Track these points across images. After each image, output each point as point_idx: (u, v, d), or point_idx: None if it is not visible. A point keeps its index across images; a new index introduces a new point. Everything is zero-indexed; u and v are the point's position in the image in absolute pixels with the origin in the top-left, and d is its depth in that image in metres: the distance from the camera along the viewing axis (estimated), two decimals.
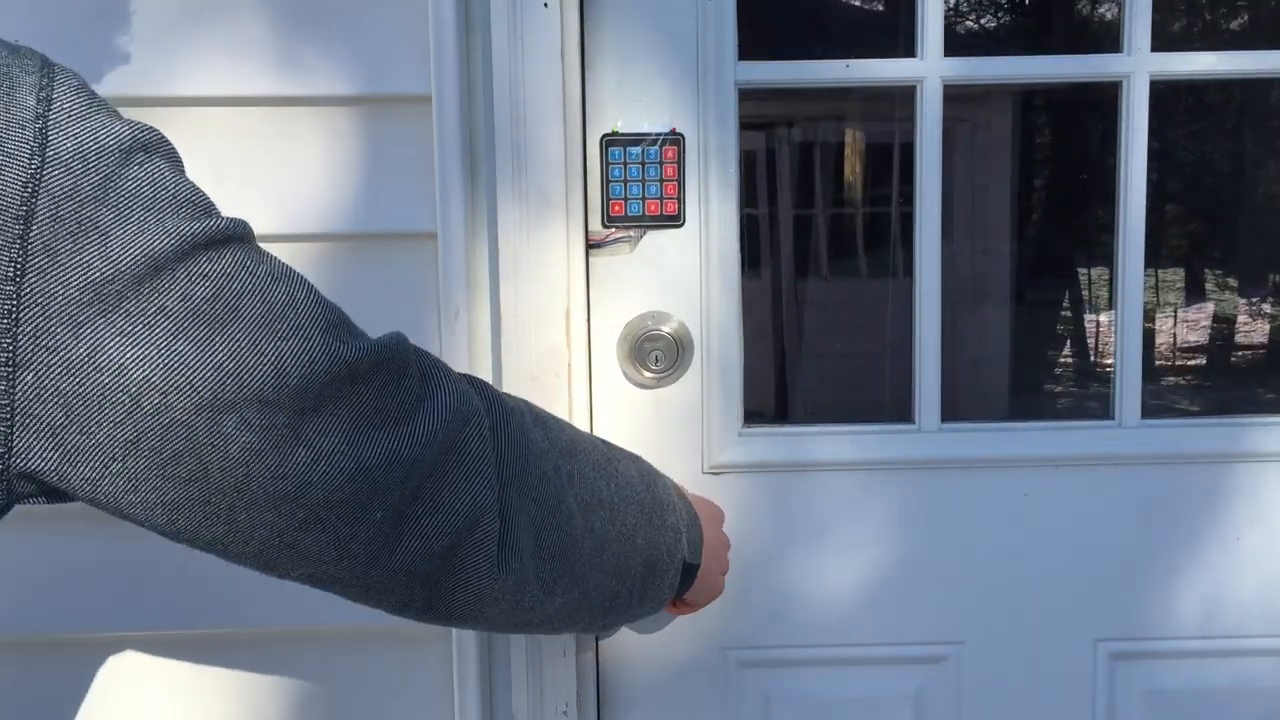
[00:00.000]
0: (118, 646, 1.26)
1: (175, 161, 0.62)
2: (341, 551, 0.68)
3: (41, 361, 0.55)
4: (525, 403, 0.85)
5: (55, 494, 0.60)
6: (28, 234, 0.54)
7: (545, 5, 1.16)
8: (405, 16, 1.16)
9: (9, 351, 0.54)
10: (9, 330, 0.54)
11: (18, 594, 1.23)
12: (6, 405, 0.55)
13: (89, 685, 1.26)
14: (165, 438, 0.59)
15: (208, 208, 0.62)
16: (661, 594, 0.94)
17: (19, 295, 0.54)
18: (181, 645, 1.26)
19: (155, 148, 0.60)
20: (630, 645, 1.31)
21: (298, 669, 1.27)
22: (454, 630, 1.23)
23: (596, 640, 1.30)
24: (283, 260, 0.66)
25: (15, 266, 0.54)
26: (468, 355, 1.19)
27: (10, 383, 0.55)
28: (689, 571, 0.97)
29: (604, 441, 0.94)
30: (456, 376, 0.76)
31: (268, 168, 1.18)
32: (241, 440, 0.61)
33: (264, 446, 0.62)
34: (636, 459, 0.95)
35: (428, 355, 0.75)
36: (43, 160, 0.55)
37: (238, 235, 0.63)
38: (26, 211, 0.54)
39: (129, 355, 0.57)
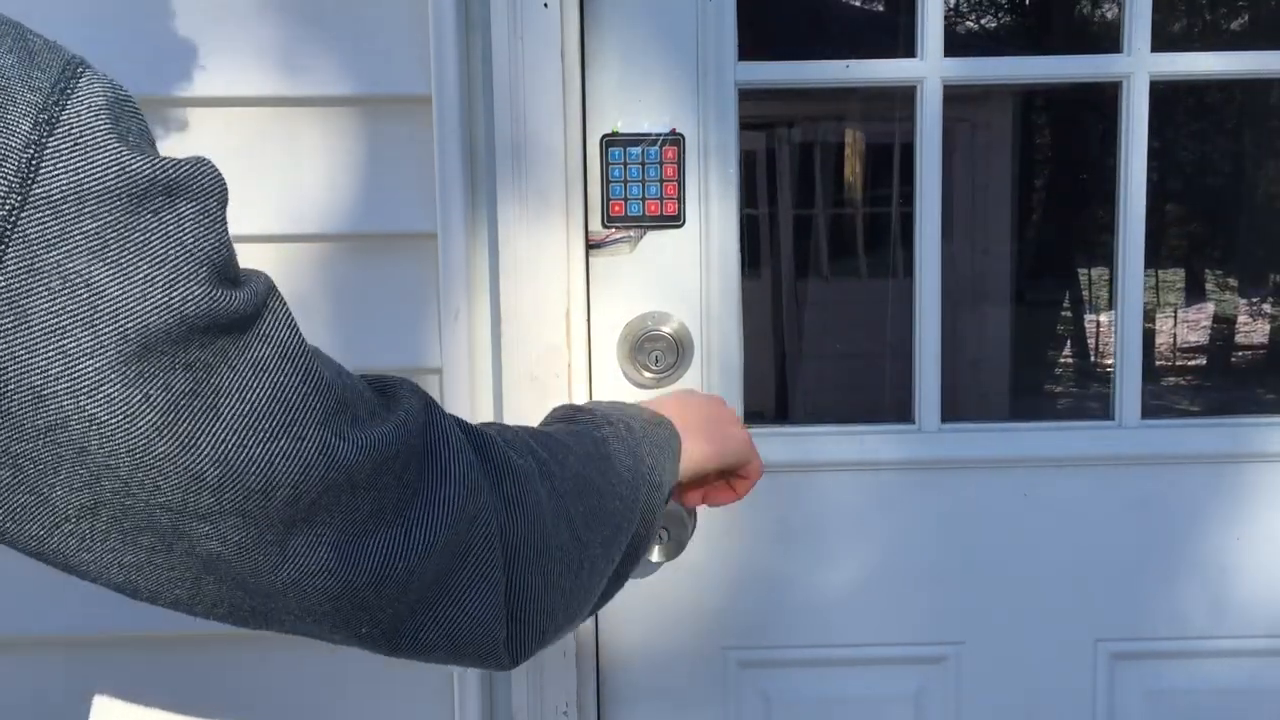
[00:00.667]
0: (118, 646, 1.26)
1: (204, 206, 0.51)
2: (324, 637, 0.62)
3: None
4: (529, 442, 0.75)
5: None
6: None
7: (545, 5, 1.16)
8: (405, 16, 1.16)
9: None
10: None
11: (17, 594, 1.23)
12: None
13: (88, 685, 1.26)
14: (127, 516, 0.51)
15: (225, 274, 0.52)
16: (647, 544, 0.86)
17: None
18: (181, 645, 1.26)
19: (181, 190, 0.50)
20: (630, 645, 1.31)
21: (298, 669, 1.27)
22: None
23: (597, 639, 1.30)
24: (294, 328, 0.57)
25: None
26: (468, 355, 1.19)
27: None
28: (669, 492, 0.90)
29: (592, 434, 0.85)
30: (464, 452, 0.66)
31: (268, 168, 1.18)
32: (210, 547, 0.53)
33: (236, 557, 0.54)
34: (614, 424, 0.86)
35: (434, 424, 0.65)
36: (22, 200, 0.46)
37: (252, 312, 0.53)
38: None
39: (93, 441, 0.48)
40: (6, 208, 0.45)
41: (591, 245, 1.24)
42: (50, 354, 0.47)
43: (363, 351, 1.20)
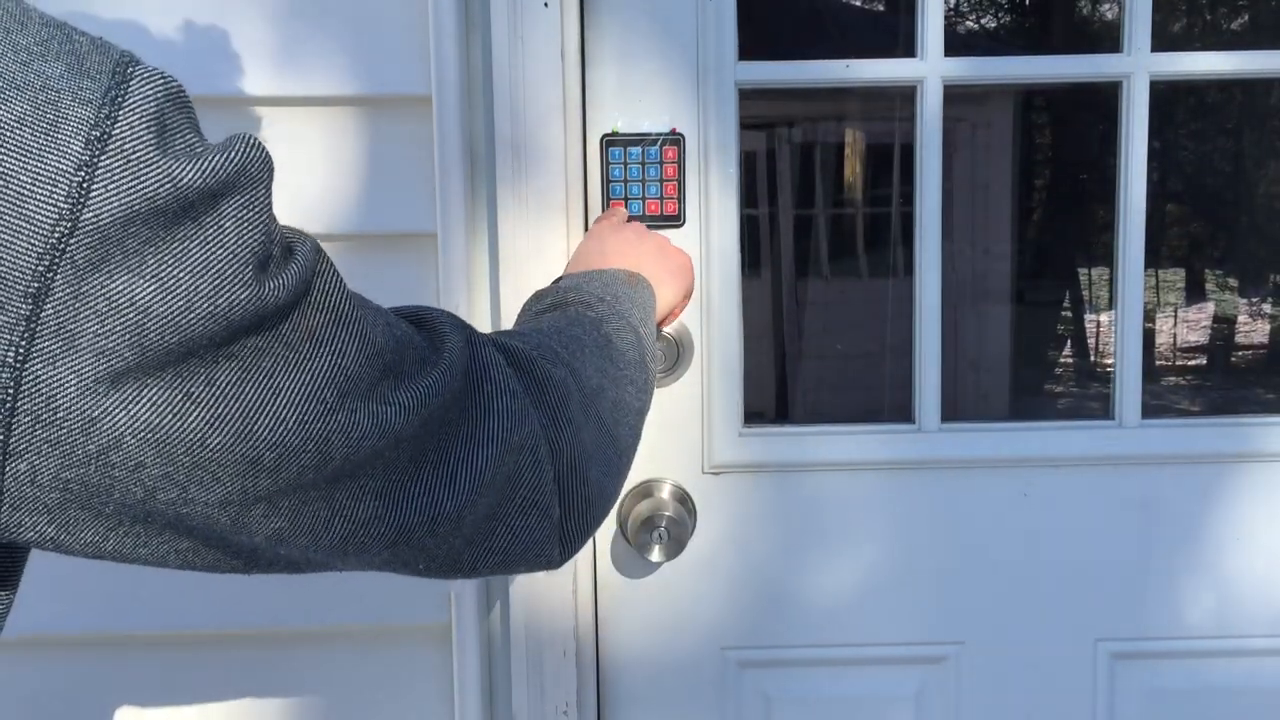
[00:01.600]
0: (118, 646, 1.26)
1: (249, 197, 0.50)
2: (381, 569, 0.63)
3: (39, 452, 0.46)
4: (554, 348, 0.75)
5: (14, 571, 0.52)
6: (38, 314, 0.44)
7: (545, 5, 1.16)
8: (405, 16, 1.16)
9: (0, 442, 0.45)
10: (3, 421, 0.45)
11: (22, 592, 1.22)
12: None
13: (90, 685, 1.26)
14: (180, 519, 0.51)
15: (266, 261, 0.50)
16: (651, 385, 0.87)
17: (18, 383, 0.44)
18: (181, 645, 1.26)
19: (224, 189, 0.48)
20: (630, 644, 1.31)
21: (298, 669, 1.27)
22: (454, 630, 1.23)
23: (597, 639, 1.30)
24: (344, 290, 0.56)
25: (17, 351, 0.44)
26: None
27: None
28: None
29: (589, 319, 0.83)
30: (506, 379, 0.65)
31: None
32: (269, 527, 0.53)
33: (293, 530, 0.54)
34: (604, 300, 0.86)
35: (476, 356, 0.64)
36: (73, 226, 0.44)
37: (298, 291, 0.52)
38: (39, 288, 0.44)
39: (148, 451, 0.48)
40: (57, 234, 0.44)
41: None
42: (100, 375, 0.45)
43: None
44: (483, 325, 1.21)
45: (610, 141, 1.22)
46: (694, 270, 1.05)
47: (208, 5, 1.16)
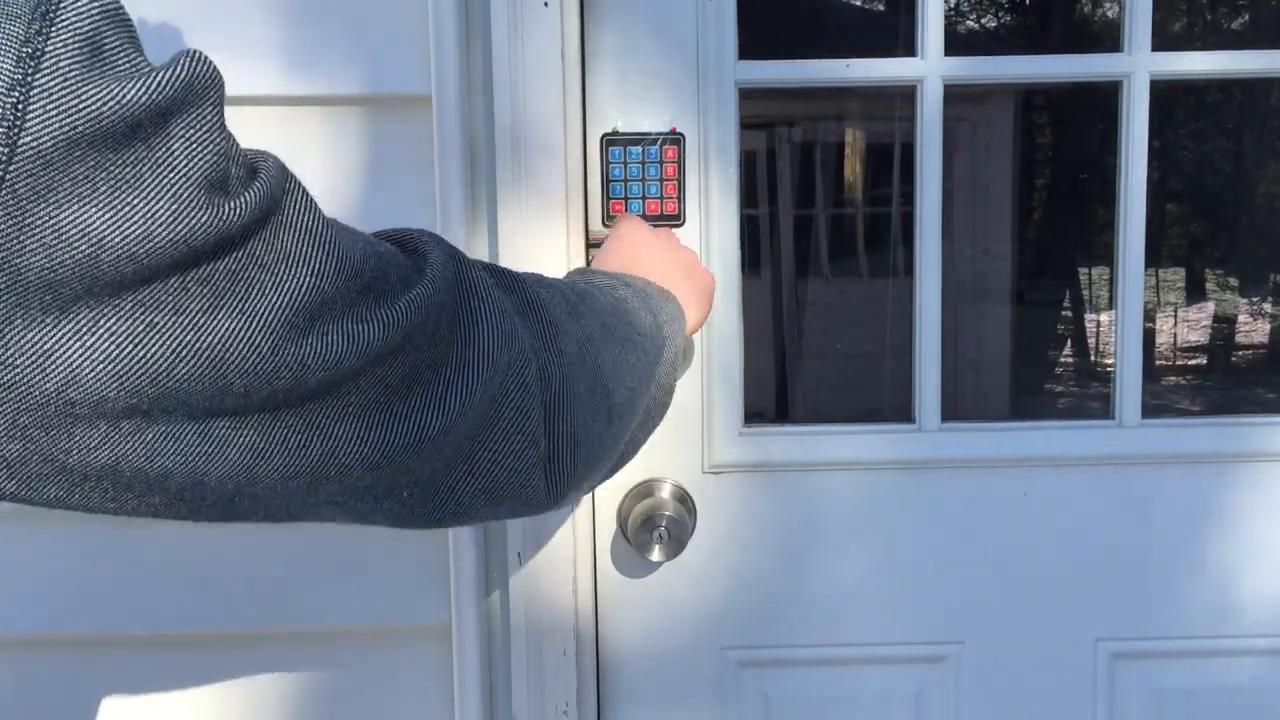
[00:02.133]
0: (119, 646, 1.26)
1: (198, 115, 0.47)
2: (362, 519, 0.60)
3: None
4: (557, 284, 0.73)
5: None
6: None
7: (545, 5, 1.16)
8: (405, 16, 1.16)
9: None
10: None
11: (15, 593, 1.23)
12: None
13: (90, 685, 1.26)
14: (151, 457, 0.48)
15: (224, 182, 0.48)
16: (663, 412, 0.88)
17: None
18: (180, 645, 1.26)
19: (174, 106, 0.45)
20: (630, 644, 1.31)
21: (297, 669, 1.27)
22: (454, 630, 1.23)
23: (597, 639, 1.30)
24: (315, 209, 0.54)
25: None
26: None
27: None
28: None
29: (611, 292, 0.82)
30: (495, 299, 0.63)
31: None
32: (241, 441, 0.50)
33: (269, 447, 0.51)
34: (631, 286, 0.85)
35: (464, 274, 0.62)
36: (10, 152, 0.41)
37: (263, 210, 0.49)
38: None
39: (110, 385, 0.45)
40: None
41: (592, 244, 1.24)
42: (48, 308, 0.43)
43: None
44: None
45: (610, 141, 1.22)
46: (713, 287, 1.06)
47: (207, 5, 1.16)
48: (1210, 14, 6.29)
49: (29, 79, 0.41)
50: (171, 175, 0.45)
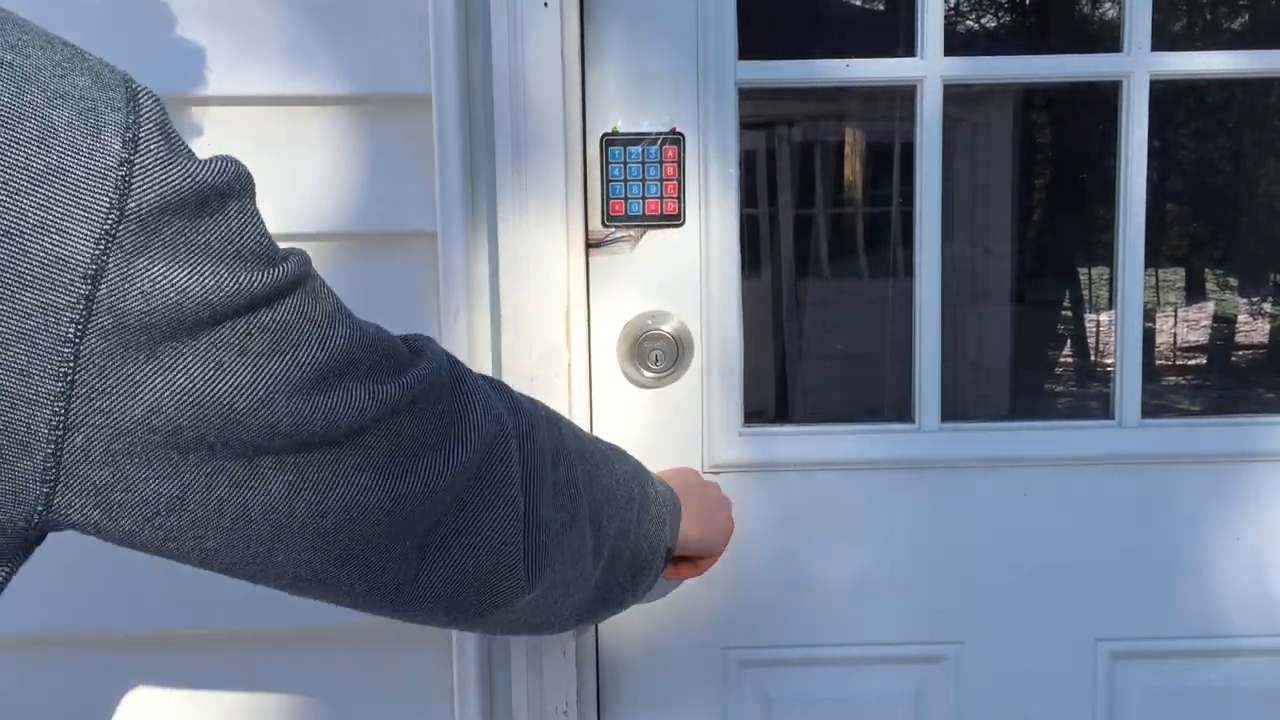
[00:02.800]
0: (120, 646, 1.26)
1: (246, 201, 0.57)
2: (371, 582, 0.68)
3: (93, 424, 0.52)
4: (536, 404, 0.84)
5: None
6: (94, 294, 0.50)
7: (545, 5, 1.16)
8: (405, 16, 1.16)
9: (61, 415, 0.51)
10: (63, 393, 0.51)
11: (15, 593, 1.22)
12: (52, 469, 0.52)
13: (91, 685, 1.26)
14: (210, 489, 0.57)
15: (271, 255, 0.58)
16: (649, 581, 0.95)
17: (77, 357, 0.50)
18: (180, 645, 1.26)
19: (229, 191, 0.56)
20: (630, 644, 1.31)
21: (298, 669, 1.27)
22: (454, 631, 1.23)
23: (597, 639, 1.30)
24: (332, 294, 0.64)
25: (77, 328, 0.50)
26: (468, 355, 1.19)
27: (58, 445, 0.52)
28: (667, 554, 0.98)
29: (596, 438, 0.95)
30: (484, 389, 0.74)
31: (268, 167, 1.18)
32: (281, 480, 0.59)
33: (303, 486, 0.60)
34: (622, 453, 0.95)
35: (457, 367, 0.74)
36: (121, 215, 0.50)
37: (298, 278, 0.59)
38: (96, 270, 0.50)
39: (185, 415, 0.54)
40: (109, 222, 0.50)
41: (591, 245, 1.24)
42: (141, 347, 0.52)
43: None
44: (482, 325, 1.21)
45: (610, 141, 1.22)
46: (728, 534, 1.08)
47: (207, 6, 1.16)
48: (1210, 14, 6.29)
49: (132, 158, 0.51)
50: (234, 241, 0.55)
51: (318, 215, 1.19)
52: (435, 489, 0.67)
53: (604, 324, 1.25)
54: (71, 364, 0.50)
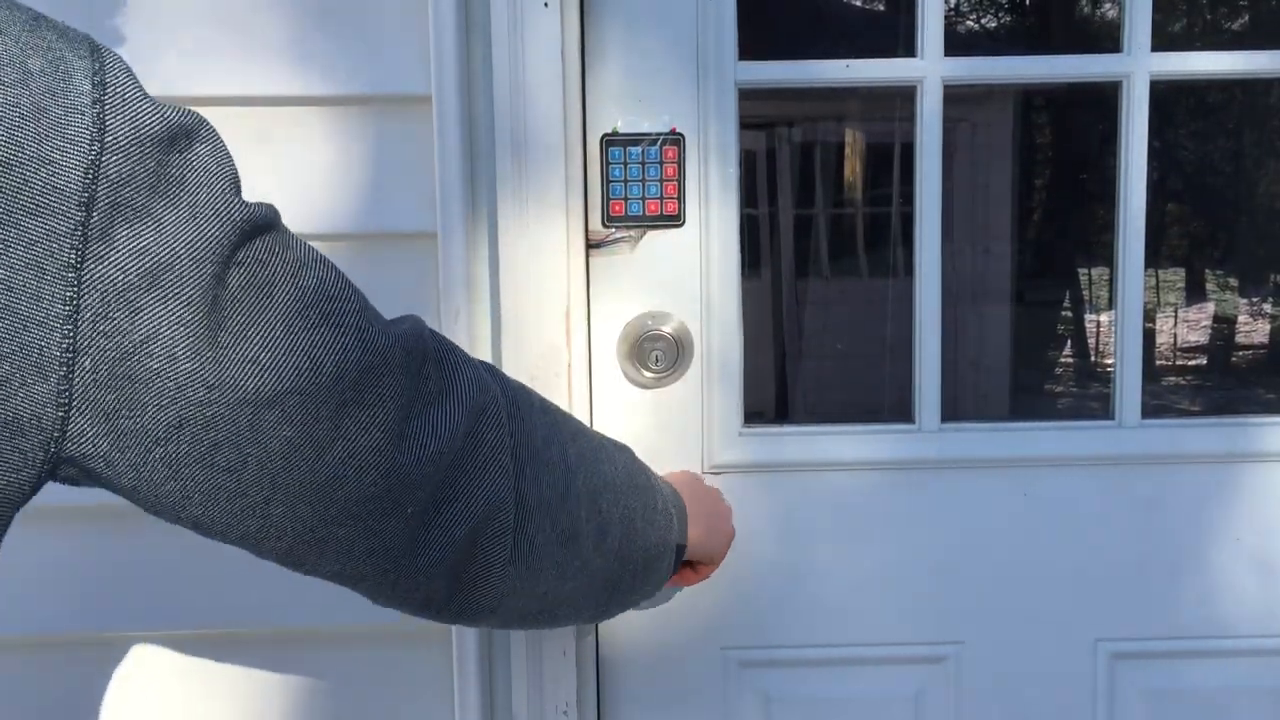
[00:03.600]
0: (121, 646, 1.26)
1: (213, 145, 0.61)
2: (371, 546, 0.69)
3: (99, 346, 0.55)
4: (530, 391, 0.85)
5: (88, 477, 0.60)
6: (89, 220, 0.54)
7: (545, 5, 1.16)
8: (405, 16, 1.16)
9: (71, 338, 0.54)
10: (71, 316, 0.54)
11: (26, 593, 1.23)
12: (65, 391, 0.55)
13: (91, 685, 1.27)
14: (208, 426, 0.59)
15: (238, 192, 0.62)
16: (660, 575, 0.95)
17: (80, 282, 0.54)
18: (182, 644, 1.26)
19: (195, 132, 0.60)
20: (630, 644, 1.31)
21: (299, 668, 1.27)
22: (454, 629, 1.23)
23: (597, 639, 1.30)
24: (306, 243, 0.66)
25: (77, 253, 0.54)
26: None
27: (70, 368, 0.55)
28: (679, 552, 0.98)
29: (597, 431, 0.95)
30: (473, 362, 0.76)
31: (268, 167, 1.18)
32: (282, 434, 0.61)
33: (302, 440, 0.62)
34: (623, 447, 0.96)
35: (442, 339, 0.75)
36: (102, 146, 0.55)
37: (270, 220, 0.63)
38: (88, 198, 0.54)
39: (180, 345, 0.57)
40: (93, 151, 0.54)
41: (591, 245, 1.24)
42: (137, 271, 0.56)
43: None
44: (482, 325, 1.21)
45: (610, 141, 1.22)
46: (729, 543, 1.10)
47: (207, 6, 1.16)
48: (1210, 14, 6.29)
49: (102, 97, 0.56)
50: (208, 178, 0.59)
51: (317, 215, 1.19)
52: (427, 457, 0.68)
53: (604, 324, 1.25)
54: (75, 288, 0.54)
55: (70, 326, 0.54)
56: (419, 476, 0.68)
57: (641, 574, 0.91)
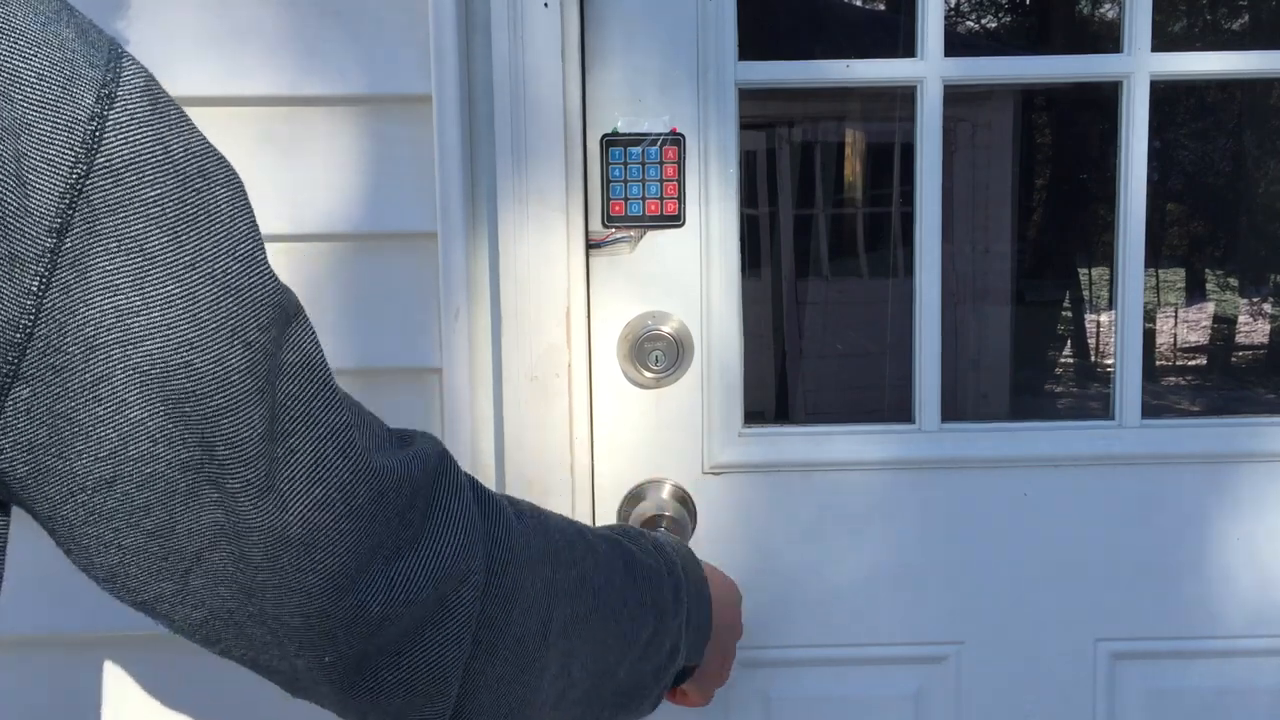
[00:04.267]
0: (119, 646, 1.26)
1: (235, 193, 0.56)
2: (290, 664, 0.62)
3: (42, 379, 0.50)
4: (549, 533, 0.74)
5: (6, 502, 0.55)
6: (60, 246, 0.49)
7: (545, 5, 1.16)
8: (405, 16, 1.16)
9: (13, 364, 0.50)
10: (20, 345, 0.49)
11: (15, 593, 1.22)
12: None
13: (92, 684, 1.26)
14: (143, 486, 0.54)
15: (262, 269, 0.56)
16: (645, 704, 0.85)
17: (39, 310, 0.49)
18: (179, 645, 1.26)
19: (215, 176, 0.54)
20: None
21: None
22: None
23: None
24: (317, 340, 0.60)
25: (41, 280, 0.49)
26: (468, 355, 1.19)
27: (2, 394, 0.50)
28: (684, 673, 0.90)
29: (622, 549, 0.81)
30: (470, 514, 0.66)
31: (268, 167, 1.18)
32: (213, 516, 0.55)
33: (233, 532, 0.56)
34: (659, 550, 0.84)
35: (450, 475, 0.66)
36: (89, 168, 0.50)
37: (294, 300, 0.57)
38: (62, 224, 0.49)
39: (132, 395, 0.52)
40: (75, 175, 0.49)
41: (591, 245, 1.24)
42: (104, 308, 0.50)
43: (363, 351, 1.20)
44: (482, 325, 1.21)
45: (610, 141, 1.22)
46: (729, 662, 0.98)
47: (207, 6, 1.16)
48: (1210, 14, 6.29)
49: (104, 113, 0.50)
50: (220, 225, 0.54)
51: (318, 215, 1.19)
52: (370, 611, 0.60)
53: (604, 324, 1.25)
54: (32, 316, 0.50)
55: (16, 354, 0.49)
56: (345, 636, 0.60)
57: (613, 712, 0.81)
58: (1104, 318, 6.08)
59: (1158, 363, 6.08)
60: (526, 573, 0.69)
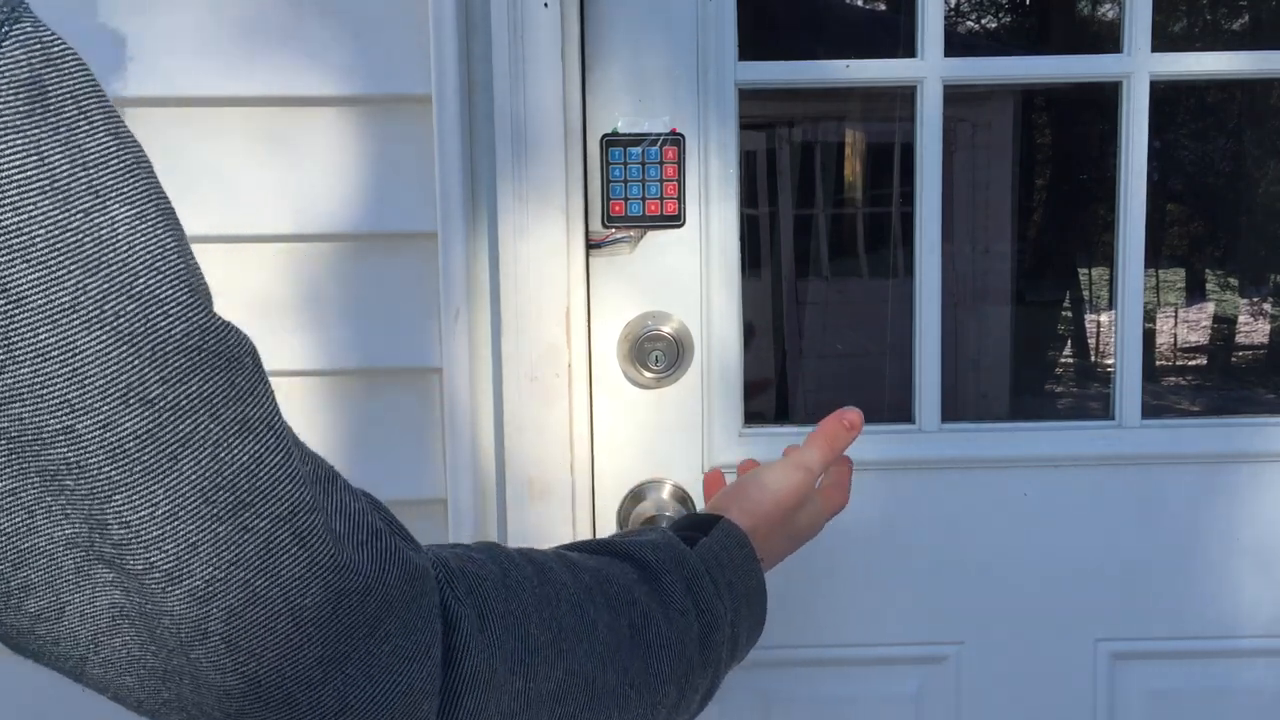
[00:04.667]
0: None
1: (145, 216, 0.44)
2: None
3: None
4: (555, 603, 0.60)
5: None
6: None
7: (545, 5, 1.16)
8: (405, 16, 1.16)
9: None
10: None
11: None
12: None
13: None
14: (19, 565, 0.45)
15: (175, 306, 0.44)
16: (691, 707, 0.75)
17: None
18: None
19: (118, 194, 0.43)
20: None
21: None
22: None
23: None
24: (269, 395, 0.48)
25: None
26: (468, 355, 1.19)
27: None
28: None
29: (631, 615, 0.67)
30: (434, 645, 0.52)
31: (268, 168, 1.18)
32: (110, 598, 0.46)
33: (137, 615, 0.47)
34: (689, 586, 0.74)
35: (450, 606, 0.54)
36: None
37: (225, 355, 0.46)
38: None
39: (12, 422, 0.42)
40: None
41: (591, 245, 1.24)
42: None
43: (363, 351, 1.20)
44: (483, 325, 1.21)
45: (610, 141, 1.22)
46: (824, 508, 0.97)
47: (207, 6, 1.16)
48: (1210, 14, 6.29)
49: None
50: (114, 248, 0.43)
51: (318, 216, 1.19)
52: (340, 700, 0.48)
53: (604, 324, 1.25)
54: None
55: None
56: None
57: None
58: (1104, 318, 6.07)
59: (1158, 363, 6.08)
60: (490, 695, 0.55)
